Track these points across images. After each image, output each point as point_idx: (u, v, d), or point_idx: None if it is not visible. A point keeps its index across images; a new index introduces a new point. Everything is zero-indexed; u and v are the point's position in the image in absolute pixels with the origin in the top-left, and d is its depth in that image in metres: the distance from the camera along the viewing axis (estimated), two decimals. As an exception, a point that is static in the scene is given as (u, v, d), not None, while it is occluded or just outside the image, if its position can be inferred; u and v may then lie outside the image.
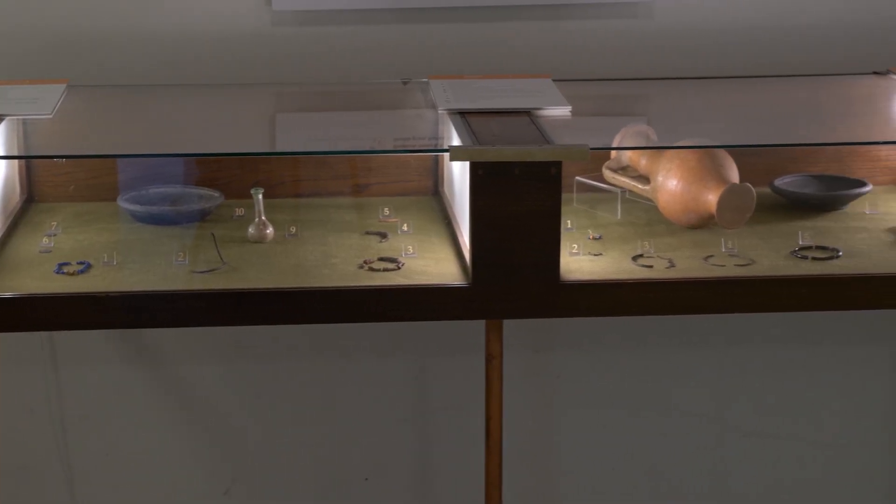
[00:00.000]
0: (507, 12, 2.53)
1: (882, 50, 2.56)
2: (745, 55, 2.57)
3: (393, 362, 2.66)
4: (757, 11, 2.56)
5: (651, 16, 2.55)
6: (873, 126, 2.39)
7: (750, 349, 2.69)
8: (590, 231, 2.24)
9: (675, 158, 2.22)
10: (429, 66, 2.51)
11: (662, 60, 2.56)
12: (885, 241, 2.20)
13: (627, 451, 2.72)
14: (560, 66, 2.52)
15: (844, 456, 2.74)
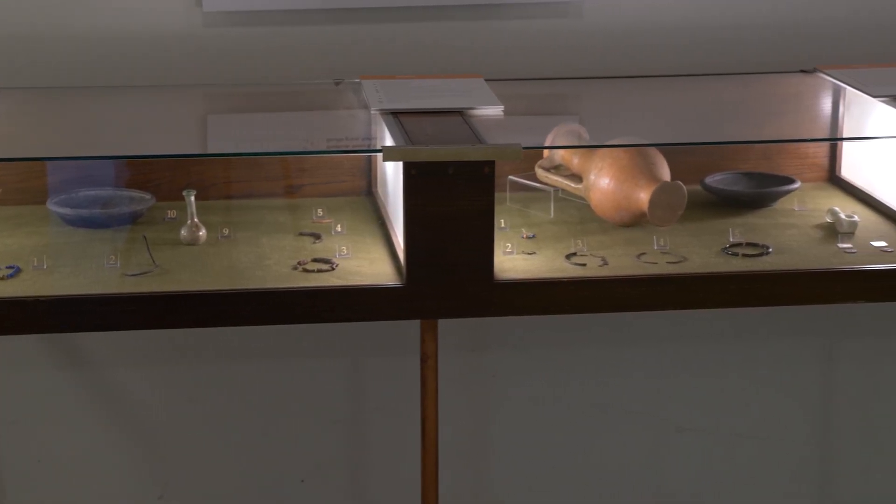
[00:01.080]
0: (438, 12, 2.54)
1: (809, 48, 2.59)
2: (675, 54, 2.59)
3: (328, 363, 2.66)
4: (686, 10, 2.58)
5: (581, 15, 2.57)
6: (801, 124, 2.42)
7: (683, 345, 2.71)
8: (523, 230, 2.25)
9: (606, 157, 2.24)
10: (361, 66, 2.51)
11: (593, 59, 2.57)
12: (814, 237, 2.22)
13: (563, 449, 2.73)
14: (492, 66, 2.52)
15: (775, 449, 2.77)
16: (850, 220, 2.23)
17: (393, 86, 2.35)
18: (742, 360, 2.72)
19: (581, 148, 2.28)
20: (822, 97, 2.45)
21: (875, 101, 2.27)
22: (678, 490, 2.77)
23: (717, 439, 2.75)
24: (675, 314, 2.64)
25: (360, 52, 2.52)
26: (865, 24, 2.60)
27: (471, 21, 2.55)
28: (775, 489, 2.78)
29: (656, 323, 2.68)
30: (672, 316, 2.64)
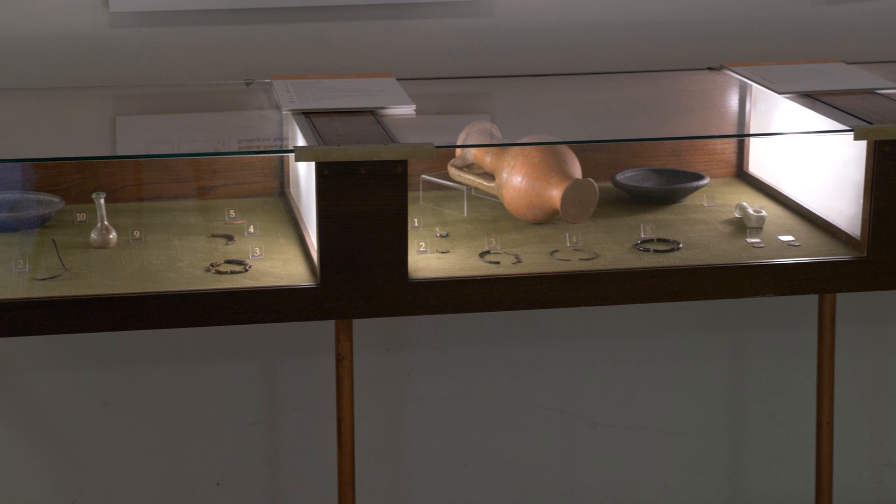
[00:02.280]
0: (348, 12, 2.53)
1: (716, 46, 2.62)
2: (585, 52, 2.61)
3: (242, 365, 2.64)
4: (595, 9, 2.60)
5: (492, 14, 2.58)
6: (710, 120, 2.45)
7: (596, 341, 2.73)
8: (437, 229, 2.25)
9: (518, 155, 2.25)
10: (271, 66, 2.50)
11: (504, 58, 2.58)
12: (723, 232, 2.25)
13: (479, 446, 2.74)
14: (403, 65, 2.52)
15: (687, 443, 2.80)
16: (758, 215, 2.26)
17: (304, 86, 2.34)
18: (654, 355, 2.75)
19: (493, 146, 2.29)
20: (729, 94, 2.48)
21: (780, 97, 2.31)
22: (592, 485, 2.79)
23: (630, 434, 2.78)
24: (589, 310, 2.66)
25: (271, 51, 2.51)
26: (771, 22, 2.64)
27: (382, 20, 2.55)
28: (686, 483, 2.81)
29: (570, 319, 2.70)
30: (585, 312, 2.67)
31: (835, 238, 2.20)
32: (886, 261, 2.12)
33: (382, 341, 2.67)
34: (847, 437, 2.77)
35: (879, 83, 2.34)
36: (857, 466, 2.84)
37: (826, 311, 2.46)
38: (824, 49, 2.64)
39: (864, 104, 2.21)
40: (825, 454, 2.52)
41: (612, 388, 2.76)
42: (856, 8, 2.66)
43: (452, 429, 2.73)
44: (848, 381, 2.76)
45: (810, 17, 2.65)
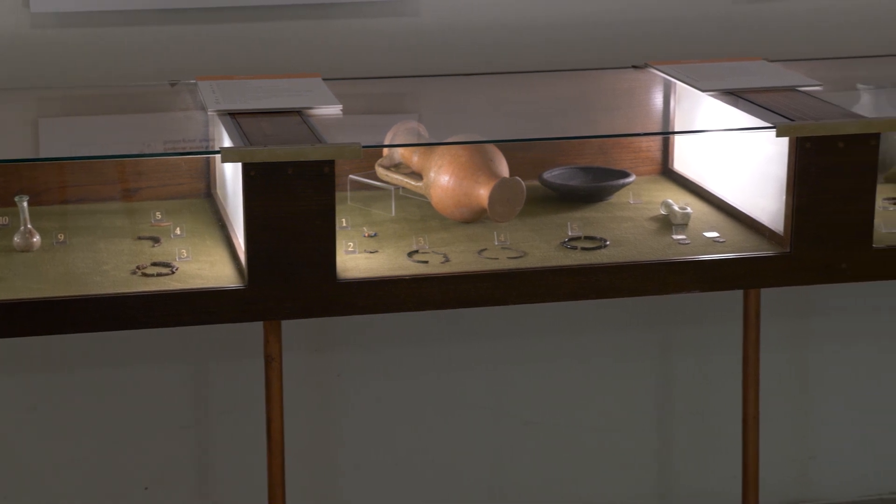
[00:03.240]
0: (273, 12, 2.52)
1: (640, 44, 2.64)
2: (512, 51, 2.62)
3: (170, 368, 2.62)
4: (520, 8, 2.61)
5: (418, 14, 2.58)
6: (635, 118, 2.47)
7: (524, 339, 2.74)
8: (365, 229, 2.25)
9: (446, 154, 2.25)
10: (196, 67, 2.48)
11: (431, 58, 2.59)
12: (649, 229, 2.27)
13: (409, 446, 2.74)
14: (329, 65, 2.52)
15: (615, 439, 2.82)
16: (684, 212, 2.28)
17: (229, 86, 2.32)
18: (582, 353, 2.77)
19: (421, 146, 2.29)
20: (653, 92, 2.50)
21: (704, 95, 2.33)
22: (523, 483, 2.80)
23: (560, 432, 2.79)
24: (518, 309, 2.67)
25: (196, 52, 2.50)
26: (694, 21, 2.67)
27: (307, 20, 2.54)
28: (615, 479, 2.83)
29: (499, 318, 2.71)
30: (514, 310, 2.67)
31: (758, 234, 2.23)
32: (809, 256, 2.14)
33: (311, 342, 2.66)
34: (772, 432, 2.81)
35: (800, 81, 2.37)
36: (782, 460, 2.88)
37: (751, 307, 2.49)
38: (746, 47, 2.67)
39: (785, 101, 2.24)
40: (751, 449, 2.55)
41: (542, 386, 2.77)
42: (777, 7, 2.69)
43: (382, 429, 2.73)
44: (773, 375, 2.80)
45: (732, 16, 2.68)
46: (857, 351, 2.86)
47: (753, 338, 2.50)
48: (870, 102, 2.34)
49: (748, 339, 2.51)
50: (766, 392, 2.69)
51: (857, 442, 2.90)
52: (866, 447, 2.91)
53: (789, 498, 2.91)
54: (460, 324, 2.70)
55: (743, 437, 2.55)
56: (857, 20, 2.72)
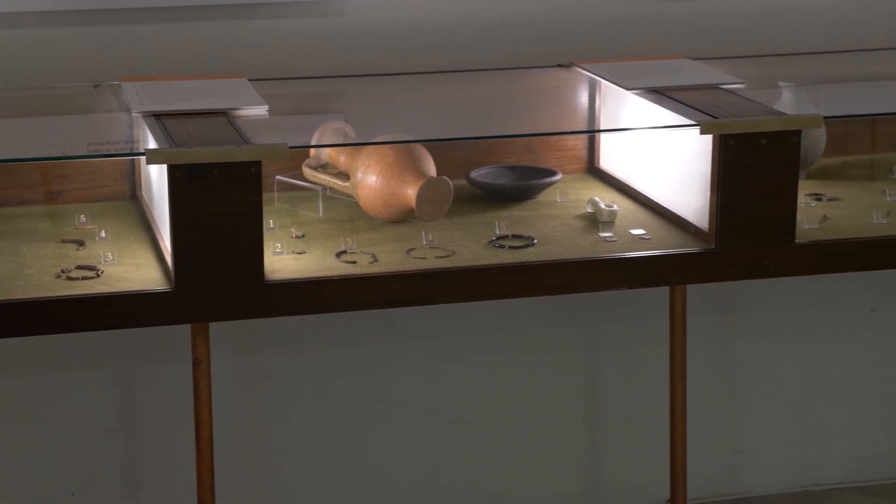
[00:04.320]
0: (198, 12, 2.51)
1: (565, 43, 2.66)
2: (437, 51, 2.62)
3: (97, 372, 2.60)
4: (446, 8, 2.62)
5: (342, 13, 2.57)
6: (561, 117, 2.49)
7: (453, 338, 2.75)
8: (292, 230, 2.24)
9: (373, 154, 2.25)
10: (120, 68, 2.46)
11: (356, 58, 2.58)
12: (576, 227, 2.28)
13: (342, 446, 2.74)
14: (254, 66, 2.51)
15: (544, 436, 2.83)
16: (610, 210, 2.30)
17: (154, 87, 2.31)
18: (510, 350, 2.78)
19: (347, 146, 2.28)
20: (579, 91, 2.52)
21: (629, 93, 2.35)
22: (453, 482, 2.80)
23: (489, 429, 2.80)
24: (446, 307, 2.68)
25: (119, 53, 2.47)
26: (618, 20, 2.69)
27: (232, 20, 2.53)
28: (545, 475, 2.85)
29: (428, 317, 2.71)
30: (443, 309, 2.68)
31: (684, 231, 2.25)
32: (733, 252, 2.17)
33: (240, 344, 2.65)
34: (700, 426, 2.83)
35: (723, 79, 2.40)
36: (710, 454, 2.91)
37: (677, 303, 2.51)
38: (670, 45, 2.69)
39: (709, 99, 2.27)
40: (678, 444, 2.57)
41: (471, 385, 2.78)
42: (699, 5, 2.72)
43: (312, 430, 2.72)
44: (700, 370, 2.82)
45: (656, 15, 2.70)
46: (781, 345, 2.89)
47: (680, 333, 2.53)
48: (791, 100, 2.37)
49: (675, 334, 2.53)
50: (693, 387, 2.71)
51: (783, 435, 2.94)
52: (792, 440, 2.95)
53: (717, 492, 2.94)
54: (389, 323, 2.70)
55: (670, 432, 2.57)
56: (778, 19, 2.75)
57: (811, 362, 2.91)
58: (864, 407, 2.95)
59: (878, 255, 2.23)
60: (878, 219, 2.28)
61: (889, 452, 2.99)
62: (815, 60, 2.71)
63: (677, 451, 2.57)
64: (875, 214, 2.29)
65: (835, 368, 2.92)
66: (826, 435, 2.95)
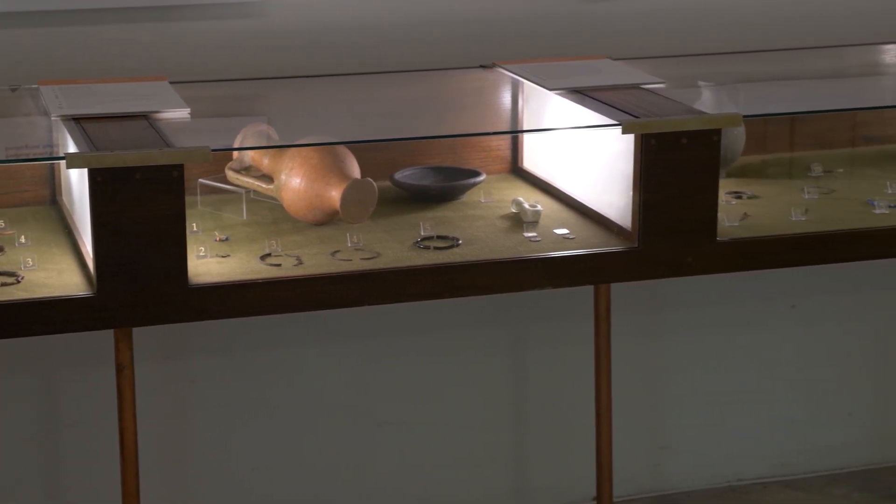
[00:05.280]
0: (117, 14, 2.48)
1: (487, 44, 2.66)
2: (360, 52, 2.62)
3: (19, 380, 2.56)
4: (368, 9, 2.61)
5: (264, 14, 2.56)
6: (484, 117, 2.49)
7: (379, 339, 2.75)
8: (216, 233, 2.23)
9: (296, 157, 2.24)
10: (38, 71, 2.43)
11: (279, 59, 2.57)
12: (500, 227, 2.29)
13: (267, 450, 2.73)
14: (176, 68, 2.49)
15: (472, 437, 2.84)
16: (534, 210, 2.31)
17: (74, 91, 2.28)
18: (437, 351, 2.78)
19: (271, 148, 2.27)
20: (502, 91, 2.53)
21: (551, 93, 2.36)
22: (381, 483, 2.80)
23: (416, 430, 2.80)
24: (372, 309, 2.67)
25: (38, 56, 2.44)
26: (540, 20, 2.70)
27: (153, 23, 2.51)
28: (473, 476, 2.85)
29: (354, 319, 2.71)
30: (369, 311, 2.68)
31: (607, 230, 2.26)
32: (656, 251, 2.19)
33: (164, 349, 2.63)
34: (625, 423, 2.86)
35: (644, 78, 2.42)
36: (635, 451, 2.93)
37: (601, 302, 2.53)
38: (591, 46, 2.71)
39: (630, 99, 2.28)
40: (604, 441, 2.59)
41: (398, 386, 2.78)
42: (620, 6, 2.74)
43: (239, 434, 2.71)
44: (625, 368, 2.85)
45: (577, 15, 2.72)
46: (704, 342, 2.92)
47: (604, 332, 2.54)
48: (711, 99, 2.40)
49: (599, 332, 2.55)
50: (618, 385, 2.73)
51: (707, 431, 2.97)
52: (716, 436, 2.98)
53: (643, 488, 2.96)
54: (314, 326, 2.69)
55: (596, 430, 2.59)
56: (697, 19, 2.78)
57: (733, 359, 2.95)
58: (785, 402, 3.00)
59: (797, 252, 2.26)
60: (796, 216, 2.32)
61: (810, 447, 3.03)
62: (734, 60, 2.74)
63: (603, 449, 2.59)
64: (794, 212, 2.33)
65: (757, 364, 2.96)
66: (749, 430, 2.99)
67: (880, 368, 3.03)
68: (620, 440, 2.77)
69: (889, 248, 2.30)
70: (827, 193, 2.44)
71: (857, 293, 2.97)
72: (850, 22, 2.84)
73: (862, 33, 2.84)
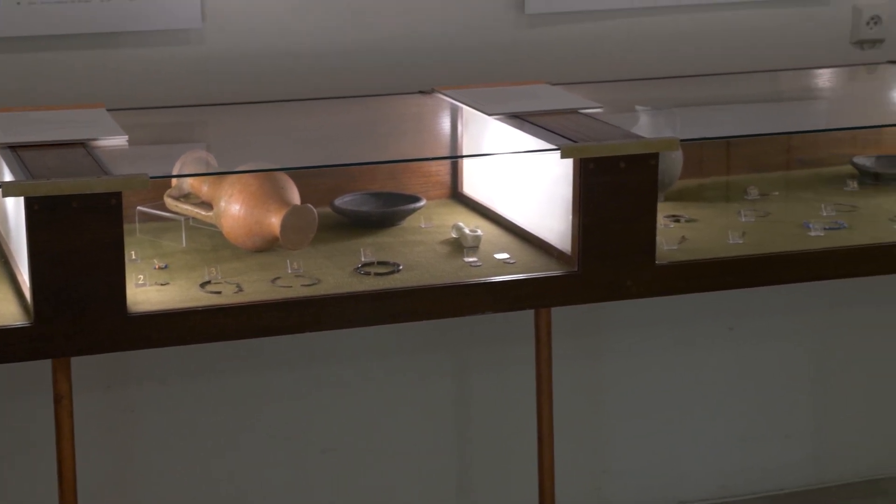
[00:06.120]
0: (54, 41, 2.47)
1: (426, 70, 2.67)
2: (300, 78, 2.61)
3: (-46, 411, 2.53)
4: (308, 35, 2.62)
5: (203, 42, 2.56)
6: (424, 143, 2.50)
7: (321, 366, 2.74)
8: (155, 261, 2.21)
9: (236, 183, 2.24)
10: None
11: (217, 86, 2.57)
12: (441, 252, 2.30)
13: (207, 479, 2.71)
14: (113, 96, 2.48)
15: (414, 463, 2.83)
16: (474, 235, 2.32)
17: (9, 119, 2.26)
18: (380, 377, 2.78)
19: (210, 175, 2.27)
20: (441, 117, 2.53)
21: (490, 119, 2.37)
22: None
23: (359, 457, 2.79)
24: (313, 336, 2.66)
25: (-27, 84, 2.42)
26: (478, 46, 2.71)
27: (91, 50, 2.49)
28: (418, 501, 2.85)
29: (295, 346, 2.70)
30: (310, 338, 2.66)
31: (547, 254, 2.27)
32: (596, 274, 2.20)
33: (103, 378, 2.61)
34: (567, 447, 2.86)
35: (582, 103, 2.43)
36: (577, 474, 2.94)
37: (542, 326, 2.54)
38: (530, 71, 2.72)
39: (568, 124, 2.30)
40: (546, 465, 2.59)
41: (340, 413, 2.77)
42: (557, 31, 2.76)
43: (179, 463, 2.68)
44: (567, 391, 2.85)
45: (515, 41, 2.73)
46: (644, 365, 2.94)
47: (545, 356, 2.55)
48: (648, 123, 2.42)
49: (540, 357, 2.56)
50: (560, 408, 2.74)
51: (648, 453, 2.99)
52: (657, 458, 2.99)
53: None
54: (256, 353, 2.68)
55: (538, 454, 2.59)
56: (634, 45, 2.81)
57: (673, 381, 2.97)
58: (725, 423, 3.02)
59: (735, 275, 2.28)
60: (734, 239, 2.34)
61: (750, 467, 3.05)
62: (671, 85, 2.77)
63: (545, 473, 2.60)
64: (731, 235, 2.35)
65: (696, 386, 2.98)
66: (689, 452, 3.01)
67: (818, 390, 3.06)
68: (562, 463, 2.78)
69: (825, 269, 2.33)
70: (763, 216, 2.47)
71: (794, 315, 3.00)
72: (784, 47, 2.88)
73: (795, 58, 2.88)
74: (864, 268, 2.35)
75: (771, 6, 2.86)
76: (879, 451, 3.11)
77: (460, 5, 2.69)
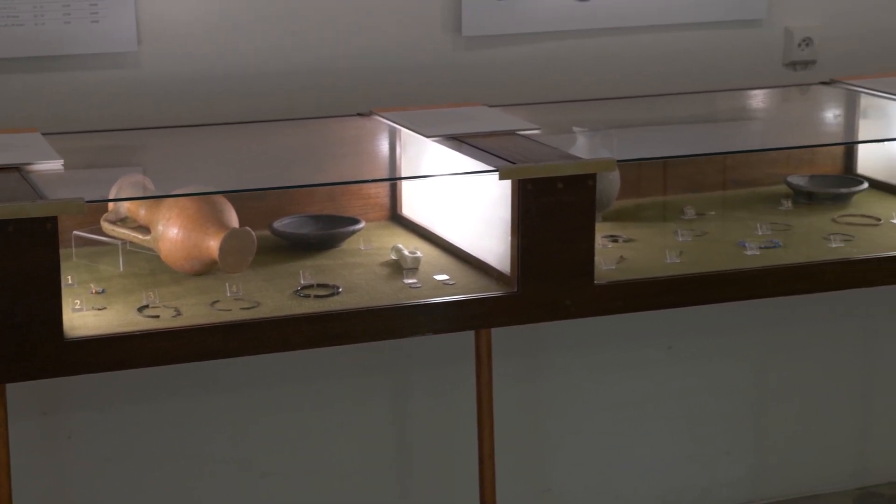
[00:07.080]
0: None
1: (364, 92, 2.68)
2: (236, 101, 2.61)
3: None
4: (244, 58, 2.61)
5: (139, 65, 2.54)
6: (362, 165, 2.50)
7: (261, 390, 2.73)
8: (92, 285, 2.20)
9: (174, 207, 2.23)
10: None
11: (154, 110, 2.55)
12: (380, 274, 2.30)
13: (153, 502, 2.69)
14: (48, 120, 2.46)
15: (355, 486, 2.82)
16: (414, 257, 2.32)
17: (-57, 143, 2.24)
18: (319, 400, 2.77)
19: (147, 199, 2.25)
20: (379, 139, 2.54)
21: (428, 140, 2.38)
22: (266, 534, 2.77)
23: (299, 481, 2.78)
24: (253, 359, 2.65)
25: None
26: (415, 68, 2.72)
27: (24, 73, 2.47)
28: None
29: (234, 369, 2.68)
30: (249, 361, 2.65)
31: (487, 275, 2.28)
32: (535, 294, 2.21)
33: (39, 405, 2.58)
34: (509, 467, 2.87)
35: (520, 125, 2.45)
36: (519, 495, 2.94)
37: (482, 347, 2.54)
38: (467, 93, 2.74)
39: (506, 145, 2.31)
40: (487, 486, 2.59)
41: (280, 437, 2.75)
42: (494, 53, 2.77)
43: (117, 491, 2.66)
44: (508, 411, 2.86)
45: (452, 63, 2.75)
46: (585, 384, 2.95)
47: (486, 377, 2.56)
48: (586, 144, 2.43)
49: (481, 378, 2.56)
50: (501, 428, 2.74)
51: (589, 472, 2.99)
52: (598, 477, 3.00)
53: (527, 532, 2.97)
54: (194, 377, 2.66)
55: (479, 475, 2.59)
56: (571, 66, 2.83)
57: (614, 400, 2.98)
58: (665, 442, 3.03)
59: (672, 294, 2.30)
60: (671, 258, 2.36)
61: (692, 485, 3.07)
62: (607, 106, 2.79)
63: (486, 494, 2.60)
64: (669, 254, 2.37)
65: (637, 405, 3.00)
66: (630, 470, 3.02)
67: (758, 407, 3.08)
68: (504, 483, 2.78)
69: (761, 288, 2.35)
70: (700, 236, 2.49)
71: (732, 333, 3.02)
72: (718, 68, 2.91)
73: (730, 79, 2.91)
74: (800, 286, 2.38)
75: (705, 28, 2.89)
76: (818, 467, 3.15)
77: (398, 28, 2.69)
